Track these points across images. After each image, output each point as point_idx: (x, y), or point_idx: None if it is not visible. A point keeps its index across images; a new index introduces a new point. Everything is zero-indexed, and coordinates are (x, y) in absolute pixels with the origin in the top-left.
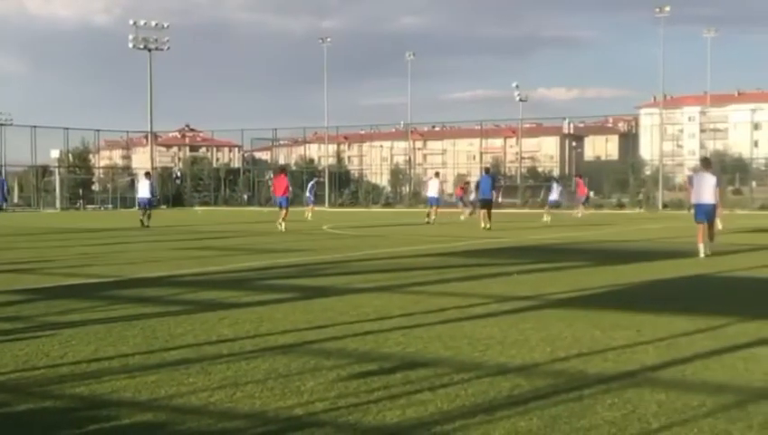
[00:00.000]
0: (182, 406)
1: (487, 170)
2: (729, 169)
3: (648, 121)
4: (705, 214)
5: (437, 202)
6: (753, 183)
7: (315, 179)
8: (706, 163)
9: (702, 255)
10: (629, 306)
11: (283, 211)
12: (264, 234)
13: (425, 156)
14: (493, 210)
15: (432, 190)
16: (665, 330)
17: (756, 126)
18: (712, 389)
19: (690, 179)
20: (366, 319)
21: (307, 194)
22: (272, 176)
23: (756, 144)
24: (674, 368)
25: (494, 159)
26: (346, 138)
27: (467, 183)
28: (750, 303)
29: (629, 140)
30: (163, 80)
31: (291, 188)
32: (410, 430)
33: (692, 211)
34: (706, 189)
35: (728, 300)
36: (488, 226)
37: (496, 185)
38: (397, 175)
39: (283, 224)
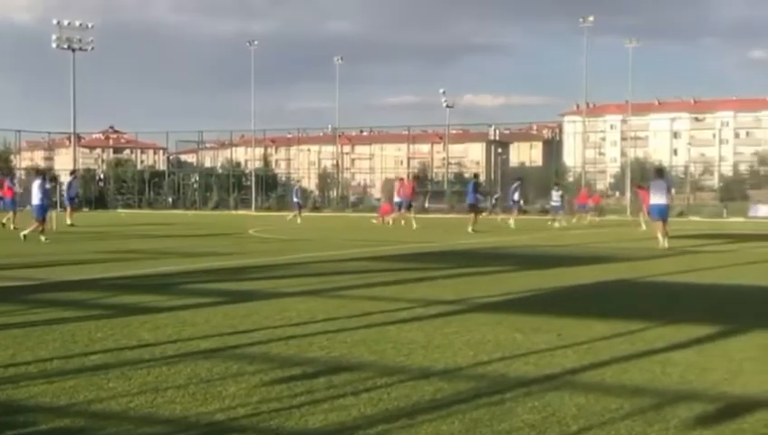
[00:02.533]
0: (101, 411)
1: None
2: (649, 177)
3: (572, 129)
4: (660, 213)
5: (403, 205)
6: (673, 190)
7: (299, 184)
8: (660, 172)
9: (661, 245)
10: (551, 310)
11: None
12: (189, 237)
13: (353, 160)
14: (423, 215)
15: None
16: (585, 334)
17: (675, 134)
18: (630, 392)
19: (647, 187)
20: (290, 323)
21: (295, 199)
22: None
23: (675, 152)
24: (593, 371)
25: (422, 165)
26: (273, 141)
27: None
28: (667, 307)
29: (553, 146)
30: (87, 80)
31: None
32: (332, 434)
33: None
34: (660, 193)
35: (646, 304)
36: (469, 228)
37: (479, 190)
38: (325, 179)
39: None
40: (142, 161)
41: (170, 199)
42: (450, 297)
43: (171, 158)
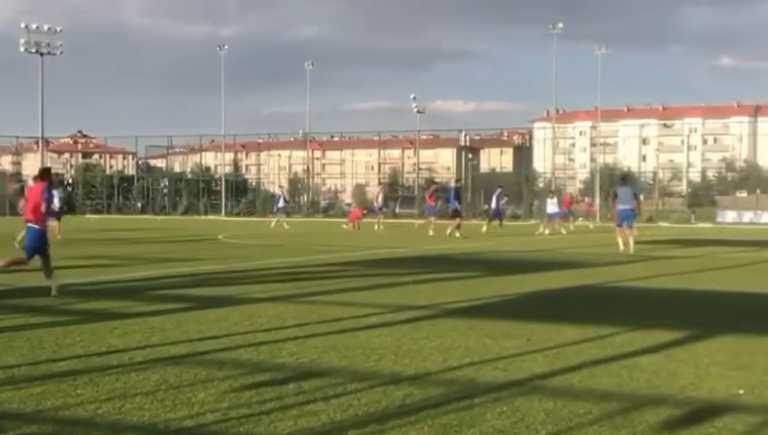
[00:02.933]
0: (69, 418)
1: (458, 181)
2: (618, 183)
3: (542, 135)
4: (627, 218)
5: (381, 211)
6: (641, 196)
7: (282, 190)
8: (624, 179)
9: (623, 250)
10: (521, 316)
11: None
12: (158, 242)
13: (323, 165)
14: (395, 220)
15: (380, 200)
16: (554, 339)
17: (644, 141)
18: (598, 397)
19: (614, 193)
20: (260, 329)
21: (280, 204)
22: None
23: (644, 158)
24: (562, 376)
25: (392, 170)
26: (243, 146)
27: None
28: (635, 312)
29: (523, 152)
30: (56, 85)
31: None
32: None
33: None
34: (626, 198)
35: (615, 310)
36: (456, 234)
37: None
38: (295, 184)
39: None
40: (111, 166)
41: (139, 204)
42: (420, 303)
43: (140, 162)
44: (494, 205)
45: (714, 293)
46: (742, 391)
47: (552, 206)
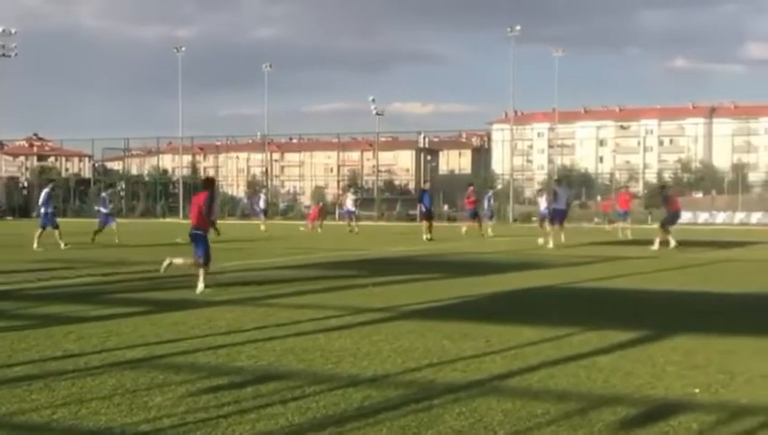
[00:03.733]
0: (23, 424)
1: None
2: (576, 184)
3: (500, 137)
4: (562, 216)
5: (353, 214)
6: (599, 197)
7: (263, 192)
8: (561, 181)
9: (551, 245)
10: (480, 317)
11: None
12: (115, 246)
13: (282, 168)
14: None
15: (350, 203)
16: (513, 340)
17: (601, 142)
18: (556, 397)
19: (554, 193)
20: (218, 332)
21: (262, 206)
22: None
23: (601, 160)
24: (520, 377)
25: (352, 172)
26: (201, 148)
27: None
28: (592, 313)
29: (482, 154)
30: (10, 87)
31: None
32: None
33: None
34: (563, 200)
35: (572, 310)
36: (430, 237)
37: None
38: (254, 186)
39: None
40: (67, 169)
41: (96, 208)
42: (379, 305)
43: (97, 165)
44: (486, 206)
45: (669, 293)
46: (697, 390)
47: (543, 204)
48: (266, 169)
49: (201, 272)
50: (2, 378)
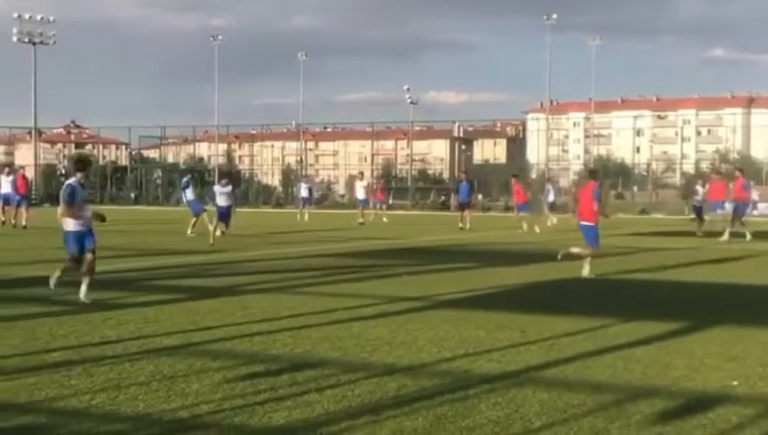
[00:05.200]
0: (62, 408)
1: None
2: (612, 174)
3: (535, 126)
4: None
5: (366, 203)
6: (635, 187)
7: (305, 179)
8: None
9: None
10: (515, 307)
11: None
12: (152, 233)
13: (317, 156)
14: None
15: (360, 192)
16: (548, 331)
17: (638, 132)
18: (592, 388)
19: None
20: (253, 320)
21: (303, 194)
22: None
23: (638, 150)
24: (556, 368)
25: (386, 161)
26: (237, 137)
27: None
28: (629, 304)
29: (517, 144)
30: (48, 75)
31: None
32: (296, 431)
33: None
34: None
35: (609, 302)
36: (466, 226)
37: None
38: (288, 175)
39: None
40: (104, 157)
41: (132, 195)
42: (414, 294)
43: (134, 153)
44: (551, 198)
45: (706, 284)
46: (736, 383)
47: (551, 194)
48: (301, 158)
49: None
50: (41, 363)
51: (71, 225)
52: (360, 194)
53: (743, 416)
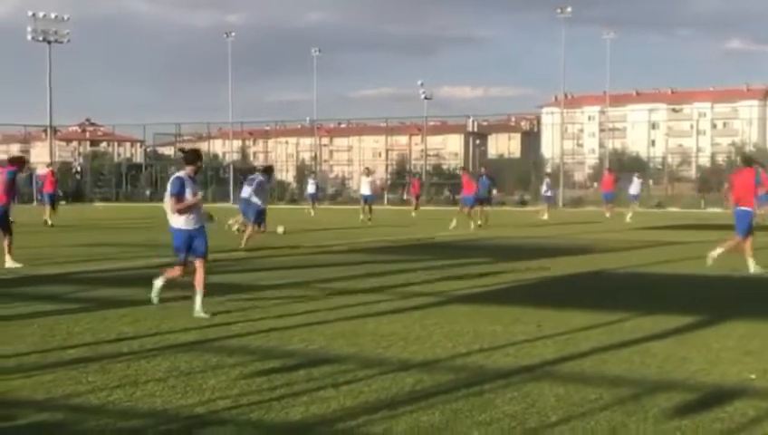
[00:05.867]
0: (80, 405)
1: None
2: (627, 168)
3: (550, 120)
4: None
5: (372, 199)
6: (651, 181)
7: (314, 175)
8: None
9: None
10: (530, 302)
11: None
12: (167, 230)
13: (331, 152)
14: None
15: (365, 188)
16: (564, 325)
17: (653, 125)
18: (609, 382)
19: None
20: (270, 316)
21: (311, 190)
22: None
23: (653, 143)
24: (572, 362)
25: (400, 157)
26: (251, 133)
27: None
28: (646, 298)
29: (532, 138)
30: (63, 73)
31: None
32: (313, 426)
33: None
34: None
35: (625, 296)
36: (480, 223)
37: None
38: (303, 171)
39: None
40: (119, 154)
41: (148, 192)
42: (429, 289)
43: (148, 150)
44: (549, 192)
45: (722, 278)
46: (753, 376)
47: (549, 189)
48: (315, 154)
49: None
50: (58, 360)
51: (179, 222)
52: (366, 190)
53: (760, 409)
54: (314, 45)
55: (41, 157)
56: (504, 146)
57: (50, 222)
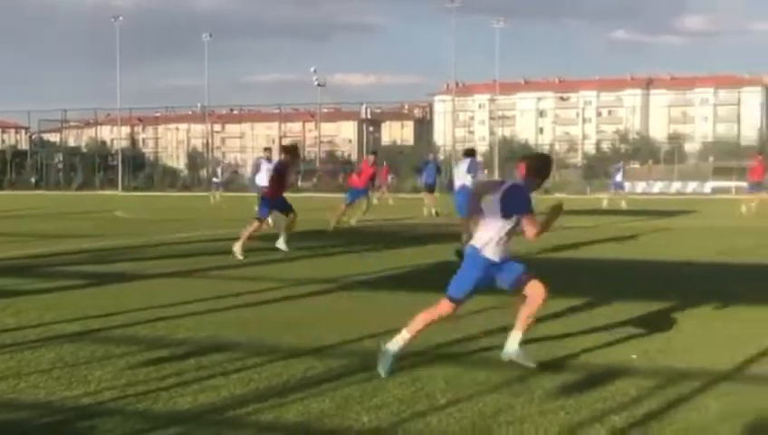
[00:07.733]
0: None
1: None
2: (517, 155)
3: (442, 108)
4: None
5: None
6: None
7: (221, 163)
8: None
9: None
10: (421, 287)
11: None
12: (53, 218)
13: (223, 139)
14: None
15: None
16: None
17: (541, 113)
18: (497, 365)
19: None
20: (158, 305)
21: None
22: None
23: (541, 131)
24: (462, 344)
25: (293, 143)
26: (140, 120)
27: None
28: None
29: (424, 125)
30: None
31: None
32: (202, 415)
33: None
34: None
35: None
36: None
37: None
38: (194, 158)
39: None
40: (3, 141)
41: (33, 180)
42: (324, 276)
43: (34, 137)
44: (618, 179)
45: (607, 261)
46: (635, 356)
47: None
48: (207, 141)
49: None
50: None
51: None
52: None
53: (641, 388)
54: (205, 30)
55: None
56: (398, 133)
57: None
